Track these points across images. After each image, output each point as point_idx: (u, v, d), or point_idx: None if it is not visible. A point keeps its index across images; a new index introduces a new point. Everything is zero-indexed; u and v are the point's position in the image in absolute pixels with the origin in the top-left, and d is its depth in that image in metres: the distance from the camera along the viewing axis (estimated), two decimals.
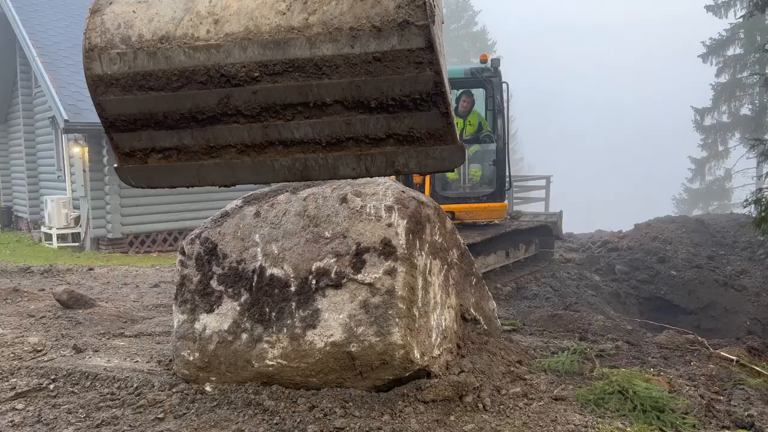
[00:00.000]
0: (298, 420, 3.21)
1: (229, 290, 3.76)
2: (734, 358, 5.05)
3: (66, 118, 12.55)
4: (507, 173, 9.52)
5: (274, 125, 2.33)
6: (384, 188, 3.81)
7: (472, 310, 4.41)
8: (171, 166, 2.50)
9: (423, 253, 3.72)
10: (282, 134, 2.34)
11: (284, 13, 2.18)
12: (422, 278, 3.70)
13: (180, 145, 2.44)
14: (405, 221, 3.61)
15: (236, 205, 4.13)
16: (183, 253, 3.98)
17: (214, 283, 3.83)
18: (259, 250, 3.78)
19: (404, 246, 3.52)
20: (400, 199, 3.74)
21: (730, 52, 26.41)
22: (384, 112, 2.23)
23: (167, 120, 2.38)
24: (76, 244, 14.78)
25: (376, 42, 2.11)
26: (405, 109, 2.22)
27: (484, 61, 9.49)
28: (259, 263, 3.76)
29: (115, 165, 2.55)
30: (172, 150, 2.46)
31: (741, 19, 22.41)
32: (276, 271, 3.72)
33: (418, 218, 3.73)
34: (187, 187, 2.54)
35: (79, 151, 14.10)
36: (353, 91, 2.21)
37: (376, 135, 2.29)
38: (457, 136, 2.29)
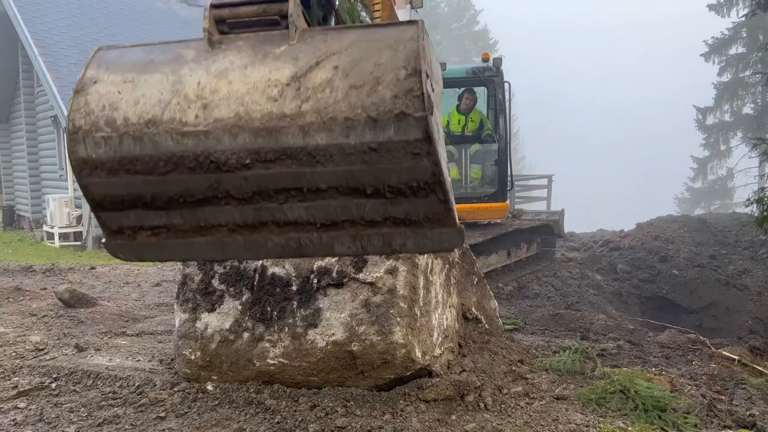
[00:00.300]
0: (300, 419, 3.21)
1: (231, 289, 3.77)
2: (736, 357, 5.04)
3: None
4: (509, 173, 9.53)
5: (267, 208, 2.26)
6: None
7: (473, 310, 4.42)
8: (160, 242, 2.44)
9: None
10: (275, 216, 2.28)
11: (276, 100, 2.10)
12: (423, 277, 3.69)
13: (169, 224, 2.37)
14: None
15: None
16: None
17: (215, 282, 3.84)
18: None
19: None
20: None
21: (733, 51, 26.39)
22: (380, 197, 2.17)
23: (155, 201, 2.33)
24: (78, 243, 14.80)
25: (371, 133, 2.05)
26: (402, 195, 2.16)
27: (486, 59, 9.50)
28: (260, 262, 3.76)
29: (103, 241, 2.54)
30: (161, 228, 2.39)
31: (743, 18, 22.37)
32: (277, 270, 3.73)
33: None
34: (178, 261, 2.52)
35: None
36: (348, 179, 2.15)
37: (372, 218, 2.23)
38: (457, 219, 2.23)
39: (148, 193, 2.32)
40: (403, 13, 5.88)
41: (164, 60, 2.24)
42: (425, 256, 3.72)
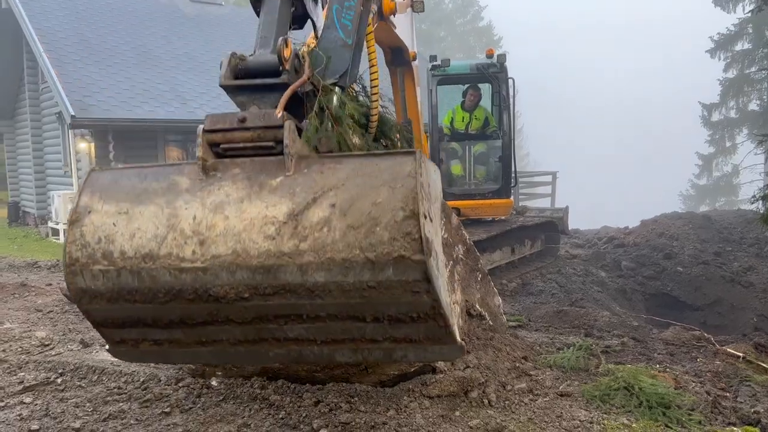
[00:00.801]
0: (304, 414, 3.21)
1: None
2: (741, 354, 5.03)
3: (72, 113, 12.59)
4: (513, 169, 9.51)
5: (267, 328, 2.28)
6: None
7: (477, 306, 4.41)
8: (164, 350, 2.48)
9: None
10: (275, 334, 2.30)
11: (273, 238, 2.08)
12: None
13: (171, 339, 2.41)
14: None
15: None
16: None
17: None
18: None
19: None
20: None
21: (738, 47, 26.23)
22: (380, 323, 2.20)
23: (156, 323, 2.35)
24: None
25: (370, 272, 2.04)
26: (402, 321, 2.18)
27: (490, 56, 9.47)
28: None
29: (107, 348, 2.55)
30: (164, 341, 2.44)
31: (749, 14, 22.23)
32: None
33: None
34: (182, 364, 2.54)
35: (85, 146, 14.14)
36: (347, 310, 2.16)
37: (372, 337, 2.25)
38: (457, 337, 2.25)
39: (148, 317, 2.33)
40: (404, 18, 5.85)
41: (158, 189, 2.19)
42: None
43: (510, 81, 9.34)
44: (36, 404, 3.51)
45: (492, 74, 9.37)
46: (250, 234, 2.09)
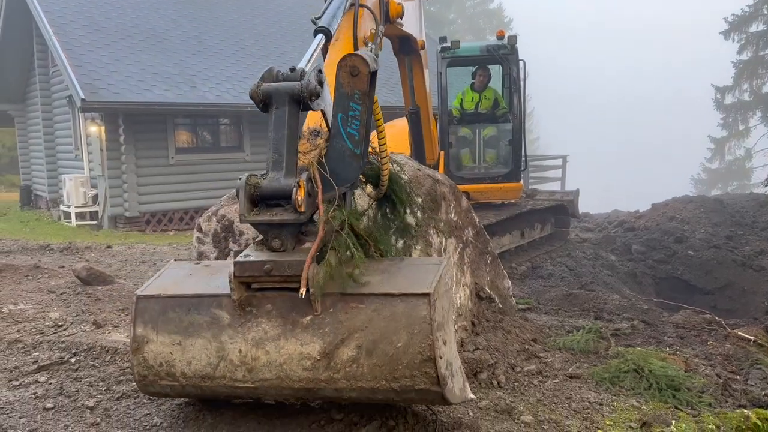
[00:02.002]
0: None
1: None
2: (751, 338, 5.02)
3: (83, 96, 12.61)
4: (523, 153, 9.44)
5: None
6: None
7: (487, 289, 4.42)
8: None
9: (438, 231, 3.75)
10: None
11: (311, 370, 2.49)
12: (437, 256, 3.70)
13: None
14: (420, 199, 3.61)
15: None
16: (200, 230, 3.99)
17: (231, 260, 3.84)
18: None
19: (419, 224, 3.54)
20: (415, 177, 3.73)
21: (753, 28, 25.86)
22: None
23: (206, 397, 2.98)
24: (95, 222, 14.95)
25: (395, 394, 2.49)
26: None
27: (500, 37, 9.36)
28: None
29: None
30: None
31: None
32: None
33: (433, 196, 3.73)
34: None
35: (96, 129, 14.19)
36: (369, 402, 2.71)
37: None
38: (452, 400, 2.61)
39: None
40: (411, 8, 5.77)
41: (203, 323, 2.62)
42: (438, 234, 3.74)
43: (521, 63, 9.25)
44: (50, 383, 3.56)
45: (502, 56, 9.28)
46: (291, 366, 2.52)
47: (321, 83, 2.61)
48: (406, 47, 6.77)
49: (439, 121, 9.23)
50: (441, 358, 2.44)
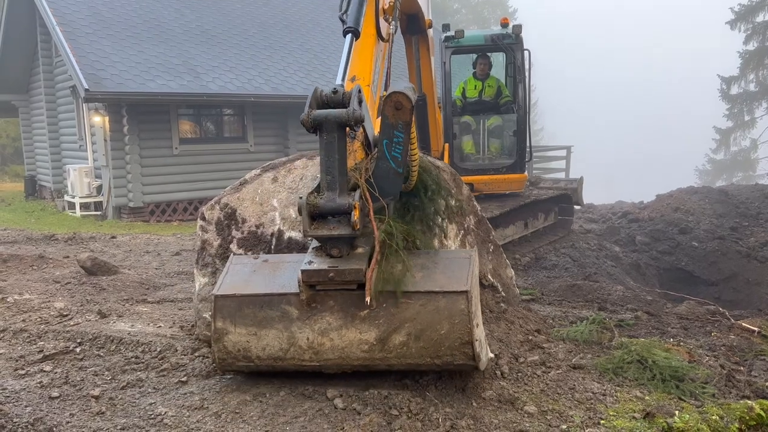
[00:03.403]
0: (319, 385, 3.25)
1: (249, 253, 3.84)
2: (756, 329, 5.01)
3: (86, 87, 12.60)
4: (528, 144, 9.39)
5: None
6: None
7: (489, 276, 4.42)
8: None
9: (438, 217, 3.80)
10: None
11: (367, 352, 3.03)
12: (438, 241, 3.76)
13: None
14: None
15: (255, 174, 4.16)
16: (203, 218, 4.05)
17: (233, 247, 3.92)
18: (277, 214, 3.91)
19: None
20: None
21: (760, 18, 25.65)
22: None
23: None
24: (99, 212, 14.99)
25: (437, 366, 3.09)
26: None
27: (505, 25, 9.24)
28: (277, 227, 3.87)
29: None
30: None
31: None
32: (294, 234, 3.79)
33: (438, 183, 3.74)
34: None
35: (100, 120, 14.19)
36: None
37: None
38: (479, 362, 3.08)
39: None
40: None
41: (275, 316, 3.11)
42: (440, 219, 3.83)
43: (525, 53, 9.17)
44: (56, 372, 3.58)
45: (507, 45, 9.20)
46: (351, 349, 3.04)
47: (361, 102, 3.01)
48: (414, 26, 6.74)
49: (442, 111, 9.18)
50: (477, 340, 2.98)
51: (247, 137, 16.12)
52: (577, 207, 11.76)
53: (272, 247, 3.86)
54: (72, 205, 15.29)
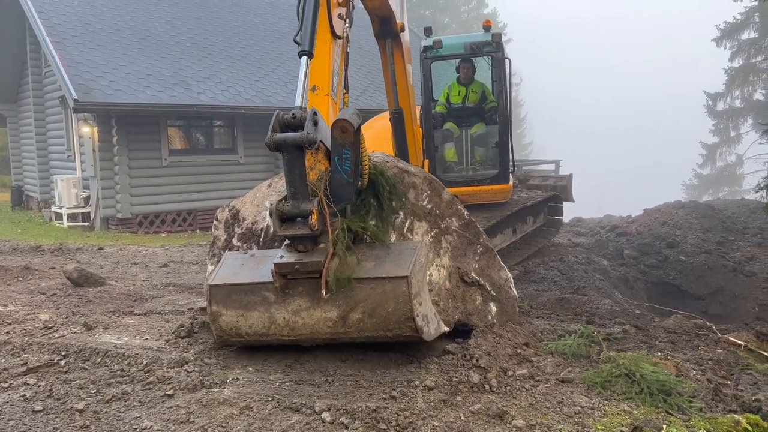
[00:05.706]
0: (306, 398, 3.23)
1: (244, 245, 4.65)
2: (742, 343, 5.03)
3: (76, 97, 12.56)
4: (511, 154, 9.27)
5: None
6: (374, 158, 4.39)
7: (473, 274, 4.52)
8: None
9: (401, 213, 4.30)
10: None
11: (332, 327, 3.68)
12: (398, 234, 4.28)
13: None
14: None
15: (262, 184, 4.95)
16: (216, 219, 4.91)
17: (235, 241, 4.71)
18: (267, 213, 4.50)
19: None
20: (382, 163, 4.36)
21: (745, 36, 26.05)
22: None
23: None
24: (86, 223, 14.88)
25: (388, 338, 3.71)
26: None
27: (487, 27, 9.14)
28: (266, 223, 4.60)
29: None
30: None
31: (756, 2, 22.05)
32: None
33: (393, 182, 4.25)
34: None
35: (88, 130, 14.13)
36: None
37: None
38: (418, 330, 3.67)
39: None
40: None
41: (257, 301, 3.78)
42: (402, 215, 4.34)
43: (506, 62, 9.03)
44: (40, 385, 3.53)
45: (487, 53, 9.12)
46: (318, 326, 3.69)
47: (316, 124, 3.50)
48: (387, 28, 6.75)
49: (423, 123, 9.05)
50: (418, 315, 3.58)
51: (237, 149, 16.11)
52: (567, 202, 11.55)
53: (261, 239, 4.61)
54: (59, 216, 15.18)
